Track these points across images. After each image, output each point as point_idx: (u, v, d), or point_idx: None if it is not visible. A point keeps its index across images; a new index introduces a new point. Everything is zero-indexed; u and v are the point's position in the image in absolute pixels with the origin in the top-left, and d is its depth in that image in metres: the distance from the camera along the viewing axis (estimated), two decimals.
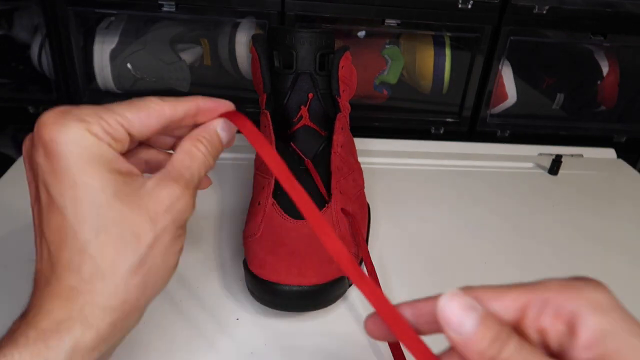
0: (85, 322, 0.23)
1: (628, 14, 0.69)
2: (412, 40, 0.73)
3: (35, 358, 0.22)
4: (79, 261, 0.24)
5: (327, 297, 0.41)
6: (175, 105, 0.29)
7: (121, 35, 0.69)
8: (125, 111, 0.27)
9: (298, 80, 0.49)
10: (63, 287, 0.24)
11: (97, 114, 0.25)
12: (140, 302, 0.25)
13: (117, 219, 0.24)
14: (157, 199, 0.25)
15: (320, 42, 0.49)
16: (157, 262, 0.25)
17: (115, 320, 0.24)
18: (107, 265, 0.24)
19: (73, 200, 0.24)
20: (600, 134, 0.81)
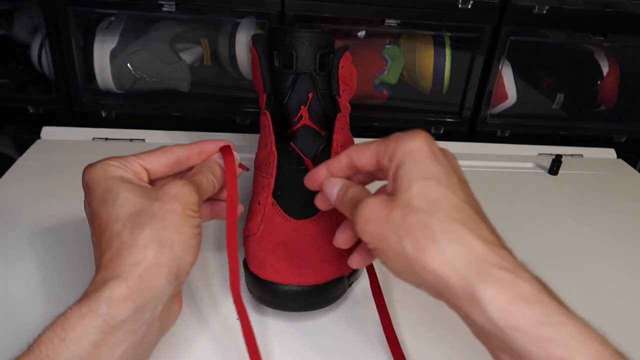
0: (117, 278, 0.29)
1: (628, 14, 0.69)
2: (412, 40, 0.73)
3: (82, 308, 0.28)
4: (111, 241, 0.31)
5: (327, 296, 0.41)
6: (182, 146, 0.38)
7: (121, 35, 0.69)
8: (142, 153, 0.36)
9: (298, 80, 0.49)
10: (102, 263, 0.31)
11: (119, 157, 0.36)
12: (159, 261, 0.31)
13: (136, 207, 0.32)
14: (166, 190, 0.33)
15: (320, 42, 0.49)
16: (168, 231, 0.31)
17: (141, 274, 0.30)
18: (129, 238, 0.31)
19: (103, 204, 0.33)
20: (600, 134, 0.81)
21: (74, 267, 0.46)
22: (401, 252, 0.29)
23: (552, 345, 0.24)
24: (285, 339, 0.40)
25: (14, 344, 0.39)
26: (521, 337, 0.24)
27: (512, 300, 0.25)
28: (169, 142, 0.70)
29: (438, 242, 0.27)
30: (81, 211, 0.54)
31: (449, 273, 0.27)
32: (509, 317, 0.25)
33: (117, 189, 0.33)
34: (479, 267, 0.26)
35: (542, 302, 0.25)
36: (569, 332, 0.24)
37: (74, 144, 0.68)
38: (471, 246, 0.27)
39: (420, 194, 0.29)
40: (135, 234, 0.31)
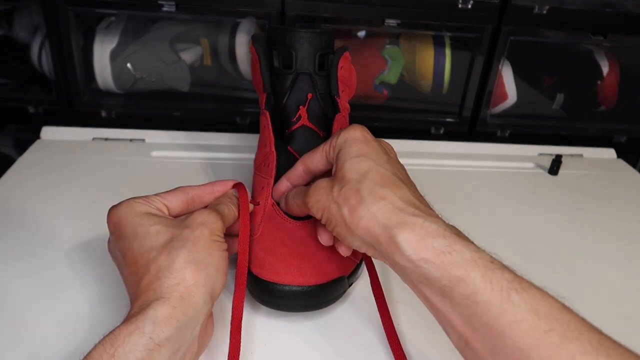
0: (160, 299, 0.31)
1: (628, 14, 0.69)
2: (412, 40, 0.73)
3: (130, 327, 0.30)
4: (148, 267, 0.33)
5: (327, 297, 0.41)
6: (196, 187, 0.42)
7: (121, 35, 0.69)
8: (162, 193, 0.40)
9: (297, 80, 0.49)
10: (141, 288, 0.33)
11: (142, 196, 0.39)
12: (197, 281, 0.33)
13: (168, 235, 0.35)
14: (193, 218, 0.37)
15: (320, 42, 0.49)
16: (201, 254, 0.34)
17: (182, 294, 0.32)
18: (165, 262, 0.33)
19: (135, 237, 0.35)
20: (600, 134, 0.81)
21: (74, 266, 0.46)
22: (341, 217, 0.34)
23: (452, 268, 0.29)
24: (286, 339, 0.40)
25: (13, 343, 0.39)
26: (430, 266, 0.30)
27: (420, 238, 0.31)
28: (169, 142, 0.70)
29: (365, 202, 0.33)
30: (81, 211, 0.54)
31: (374, 225, 0.33)
32: (420, 252, 0.30)
33: (147, 222, 0.36)
34: (396, 217, 0.32)
35: (445, 236, 0.30)
36: (465, 257, 0.29)
37: (74, 144, 0.68)
38: (391, 202, 0.33)
39: (351, 168, 0.36)
40: (172, 258, 0.33)
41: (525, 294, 0.27)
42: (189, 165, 0.65)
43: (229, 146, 0.70)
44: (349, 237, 0.35)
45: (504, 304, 0.27)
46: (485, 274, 0.28)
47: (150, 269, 0.33)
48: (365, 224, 0.33)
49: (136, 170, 0.63)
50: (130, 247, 0.35)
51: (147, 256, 0.34)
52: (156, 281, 0.32)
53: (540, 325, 0.26)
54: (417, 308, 0.44)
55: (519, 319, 0.26)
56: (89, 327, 0.40)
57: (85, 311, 0.42)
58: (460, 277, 0.29)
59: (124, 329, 0.30)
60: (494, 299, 0.27)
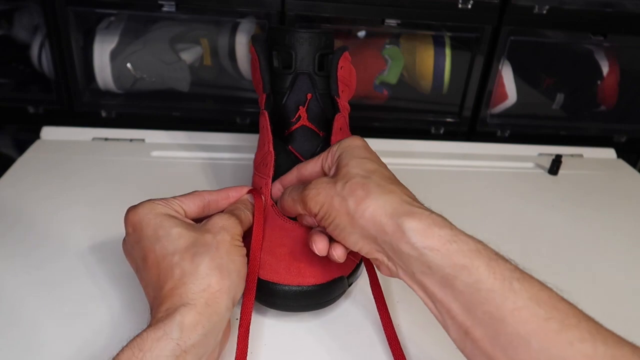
0: (186, 305, 0.31)
1: (628, 14, 0.69)
2: (412, 40, 0.73)
3: (158, 332, 0.30)
4: (171, 271, 0.33)
5: (327, 297, 0.41)
6: (212, 192, 0.43)
7: (121, 35, 0.69)
8: (179, 196, 0.41)
9: (297, 80, 0.49)
10: (165, 293, 0.33)
11: (162, 198, 0.39)
12: (221, 288, 0.33)
13: (190, 239, 0.35)
14: (214, 223, 0.37)
15: (320, 42, 0.49)
16: (224, 260, 0.34)
17: (207, 300, 0.32)
18: (189, 267, 0.33)
19: (157, 240, 0.35)
20: (600, 134, 0.81)
21: (74, 266, 0.46)
22: (345, 208, 0.35)
23: (457, 256, 0.30)
24: (285, 339, 0.40)
25: (13, 342, 0.39)
26: (435, 254, 0.31)
27: (427, 227, 0.32)
28: (169, 142, 0.70)
29: (373, 193, 0.34)
30: (80, 211, 0.54)
31: (381, 214, 0.33)
32: (426, 240, 0.31)
33: (169, 224, 0.36)
34: (403, 208, 0.33)
35: (450, 227, 0.32)
36: (470, 247, 0.30)
37: (74, 144, 0.68)
38: (399, 196, 0.34)
39: (357, 166, 0.37)
40: (196, 263, 0.33)
41: (526, 283, 0.28)
42: (189, 165, 0.65)
43: (229, 146, 0.70)
44: (348, 230, 0.35)
45: (506, 292, 0.28)
46: (489, 264, 0.29)
47: (174, 272, 0.33)
48: (371, 213, 0.34)
49: (136, 170, 0.63)
50: (152, 249, 0.35)
51: (170, 259, 0.34)
52: (181, 286, 0.32)
53: (540, 312, 0.27)
54: (416, 308, 0.44)
55: (520, 307, 0.27)
56: (90, 325, 0.40)
57: (85, 309, 0.42)
58: (464, 265, 0.29)
59: (151, 333, 0.30)
60: (496, 287, 0.28)
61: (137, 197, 0.57)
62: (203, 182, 0.62)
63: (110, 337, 0.39)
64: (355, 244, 0.36)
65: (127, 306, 0.42)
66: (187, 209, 0.40)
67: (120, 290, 0.44)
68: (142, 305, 0.41)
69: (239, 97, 0.74)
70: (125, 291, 0.43)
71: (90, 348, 0.38)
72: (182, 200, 0.40)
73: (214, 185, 0.61)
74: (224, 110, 0.75)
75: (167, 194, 0.59)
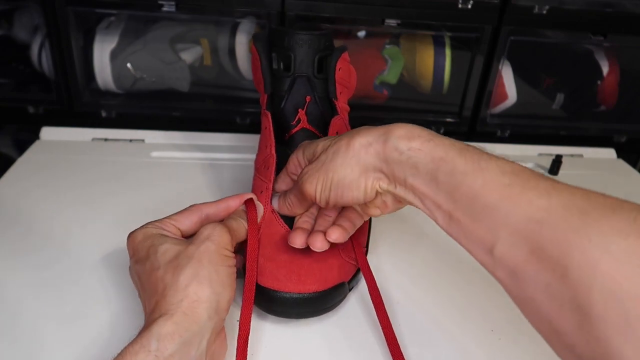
0: (163, 315, 0.32)
1: (628, 14, 0.69)
2: (412, 40, 0.73)
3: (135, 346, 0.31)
4: (156, 286, 0.35)
5: (328, 303, 0.41)
6: (210, 204, 0.43)
7: (121, 35, 0.69)
8: (174, 214, 0.41)
9: (295, 83, 0.49)
10: (150, 308, 0.34)
11: (157, 220, 0.40)
12: (200, 297, 0.33)
13: (175, 253, 0.36)
14: (200, 233, 0.37)
15: (319, 44, 0.49)
16: (205, 270, 0.35)
17: (185, 310, 0.33)
18: (170, 280, 0.34)
19: (147, 258, 0.36)
20: (600, 134, 0.81)
21: (73, 266, 0.46)
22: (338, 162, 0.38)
23: (435, 150, 0.34)
24: (285, 345, 0.40)
25: (13, 342, 0.39)
26: (418, 154, 0.34)
27: (409, 131, 0.36)
28: (169, 143, 0.70)
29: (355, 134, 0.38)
30: (80, 212, 0.54)
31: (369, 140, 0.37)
32: (410, 142, 0.35)
33: (157, 242, 0.37)
34: (386, 128, 0.37)
35: (428, 131, 0.36)
36: (444, 142, 0.34)
37: (73, 144, 0.68)
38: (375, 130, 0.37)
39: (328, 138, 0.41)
40: (176, 275, 0.34)
41: (491, 161, 0.32)
42: (189, 165, 0.65)
43: (229, 146, 0.70)
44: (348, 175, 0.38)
45: (476, 172, 0.31)
46: (460, 152, 0.33)
47: (158, 287, 0.34)
48: (360, 142, 0.37)
49: (136, 170, 0.63)
50: (144, 268, 0.36)
51: (155, 274, 0.35)
52: (162, 299, 0.33)
53: (504, 181, 0.30)
54: (416, 310, 0.44)
55: (488, 180, 0.31)
56: (90, 326, 0.40)
57: (85, 310, 0.42)
58: (442, 157, 0.33)
59: (130, 348, 0.30)
60: (468, 169, 0.32)
61: (137, 198, 0.57)
62: (203, 182, 0.62)
63: (110, 338, 0.39)
64: (358, 188, 0.38)
65: (128, 307, 0.42)
66: (182, 226, 0.41)
67: (121, 291, 0.44)
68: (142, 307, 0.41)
69: (239, 97, 0.74)
70: (126, 292, 0.43)
71: (90, 349, 0.38)
72: (176, 218, 0.41)
73: (214, 185, 0.61)
74: (224, 110, 0.75)
75: (167, 195, 0.59)
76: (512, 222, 0.28)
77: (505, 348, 0.41)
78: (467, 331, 0.43)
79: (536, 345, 0.41)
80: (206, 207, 0.42)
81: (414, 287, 0.47)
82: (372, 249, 0.50)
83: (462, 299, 0.46)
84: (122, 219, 0.53)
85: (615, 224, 0.25)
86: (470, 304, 0.45)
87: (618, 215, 0.26)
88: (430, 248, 0.52)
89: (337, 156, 0.38)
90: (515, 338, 0.42)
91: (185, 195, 0.49)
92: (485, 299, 0.45)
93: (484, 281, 0.47)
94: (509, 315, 0.44)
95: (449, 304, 0.45)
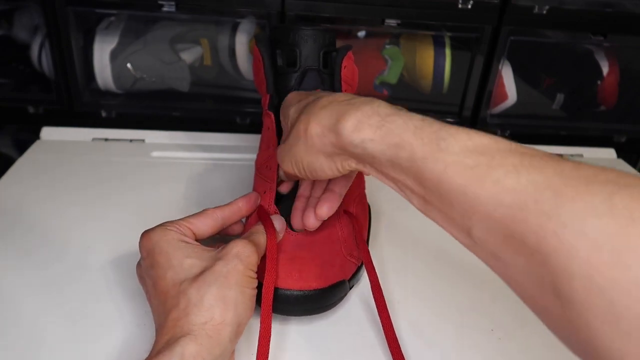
0: (187, 336, 0.31)
1: (628, 14, 0.69)
2: (412, 40, 0.73)
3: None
4: (178, 300, 0.33)
5: (328, 301, 0.41)
6: (223, 208, 0.43)
7: (121, 35, 0.69)
8: (191, 217, 0.41)
9: (305, 77, 0.49)
10: (169, 322, 0.33)
11: (173, 221, 0.39)
12: (224, 320, 0.33)
13: (201, 268, 0.35)
14: (228, 250, 0.36)
15: (324, 39, 0.49)
16: (232, 291, 0.34)
17: (209, 332, 0.32)
18: (195, 297, 0.33)
19: (169, 268, 0.35)
20: (600, 134, 0.81)
21: (74, 266, 0.46)
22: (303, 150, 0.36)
23: (389, 137, 0.31)
24: (286, 342, 0.40)
25: (12, 342, 0.39)
26: (372, 144, 0.32)
27: (357, 121, 0.33)
28: (169, 142, 0.70)
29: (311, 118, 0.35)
30: (80, 212, 0.54)
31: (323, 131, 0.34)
32: (360, 134, 0.32)
33: (182, 253, 0.36)
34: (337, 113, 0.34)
35: (378, 114, 0.33)
36: (397, 124, 0.31)
37: (73, 144, 0.68)
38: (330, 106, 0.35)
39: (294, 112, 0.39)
40: (202, 293, 0.33)
41: (451, 139, 0.29)
42: (189, 165, 0.65)
43: (229, 146, 0.70)
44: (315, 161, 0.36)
45: (436, 154, 0.29)
46: (415, 133, 0.30)
47: (180, 302, 0.33)
48: (316, 133, 0.35)
49: (136, 170, 0.63)
50: (164, 277, 0.35)
51: (177, 288, 0.34)
52: (184, 317, 0.32)
53: (467, 163, 0.27)
54: (417, 309, 0.44)
55: (449, 163, 0.28)
56: (90, 326, 0.40)
57: (85, 310, 0.42)
58: (397, 144, 0.30)
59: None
60: (427, 152, 0.29)
61: (137, 198, 0.57)
62: (203, 182, 0.62)
63: (110, 338, 0.39)
64: (330, 169, 0.36)
65: (128, 307, 0.42)
66: (197, 231, 0.40)
67: (122, 291, 0.44)
68: (143, 306, 0.41)
69: (239, 97, 0.74)
70: (127, 292, 0.43)
71: (90, 349, 0.38)
72: (193, 222, 0.40)
73: (214, 185, 0.61)
74: (224, 110, 0.75)
75: (167, 195, 0.59)
76: (481, 207, 0.26)
77: (505, 347, 0.41)
78: (467, 330, 0.43)
79: (536, 345, 0.41)
80: (219, 210, 0.42)
81: (413, 285, 0.47)
82: (372, 247, 0.50)
83: (461, 298, 0.46)
84: (122, 219, 0.53)
85: (589, 202, 0.22)
86: (469, 303, 0.45)
87: (592, 191, 0.23)
88: (430, 247, 0.52)
89: (299, 142, 0.36)
90: (515, 337, 0.42)
91: (185, 195, 0.49)
92: (485, 298, 0.45)
93: (483, 280, 0.47)
94: (509, 315, 0.44)
95: (450, 303, 0.45)
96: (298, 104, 0.39)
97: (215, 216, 0.42)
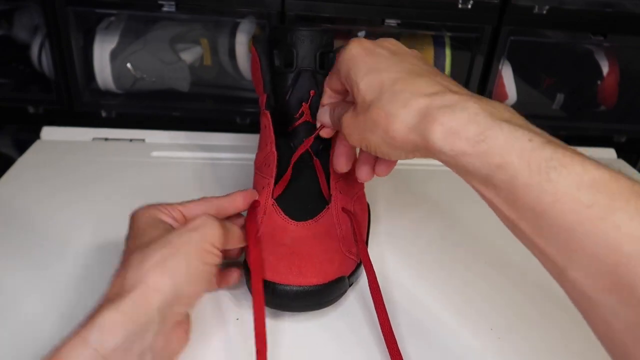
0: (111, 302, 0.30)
1: (628, 14, 0.69)
2: (412, 41, 0.73)
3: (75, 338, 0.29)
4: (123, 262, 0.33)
5: (328, 297, 0.41)
6: (221, 198, 0.43)
7: (121, 35, 0.69)
8: (186, 202, 0.41)
9: (300, 78, 0.49)
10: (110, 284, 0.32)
11: (167, 204, 0.40)
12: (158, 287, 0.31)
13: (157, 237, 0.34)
14: (189, 222, 0.35)
15: (321, 40, 0.49)
16: (177, 261, 0.32)
17: (136, 299, 0.30)
18: (136, 260, 0.32)
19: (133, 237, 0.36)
20: (600, 134, 0.81)
21: (74, 266, 0.46)
22: (380, 139, 0.34)
23: (489, 156, 0.28)
24: (284, 339, 0.40)
25: (12, 342, 0.39)
26: (468, 158, 0.29)
27: (451, 132, 0.30)
28: (169, 142, 0.70)
29: (392, 115, 0.32)
30: (80, 212, 0.54)
31: (409, 133, 0.32)
32: (454, 146, 0.29)
33: (150, 226, 0.36)
34: (425, 117, 0.31)
35: (477, 122, 0.29)
36: (499, 142, 0.28)
37: (73, 144, 0.68)
38: (415, 104, 0.32)
39: (366, 89, 0.35)
40: (143, 256, 0.32)
41: (564, 171, 0.26)
42: (189, 165, 0.65)
43: (229, 146, 0.70)
44: (394, 153, 0.35)
45: (544, 184, 0.26)
46: (521, 156, 0.27)
47: (124, 264, 0.33)
48: (401, 137, 0.32)
49: (136, 170, 0.63)
50: (128, 246, 0.36)
51: (130, 255, 0.33)
52: (121, 279, 0.32)
53: (582, 199, 0.25)
54: (415, 309, 0.44)
55: (560, 197, 0.25)
56: None
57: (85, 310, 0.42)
58: (498, 165, 0.28)
59: (69, 340, 0.29)
60: (533, 180, 0.26)
61: (137, 197, 0.57)
62: (203, 182, 0.62)
63: None
64: (406, 157, 0.35)
65: None
66: (189, 213, 0.40)
67: None
68: None
69: (239, 97, 0.74)
70: None
71: None
72: (187, 205, 0.40)
73: (214, 185, 0.61)
74: (224, 110, 0.75)
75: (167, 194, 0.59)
76: (590, 249, 0.24)
77: (505, 347, 0.41)
78: (466, 329, 0.43)
79: (535, 344, 0.41)
80: (217, 200, 0.42)
81: (412, 284, 0.47)
82: (371, 247, 0.50)
83: (461, 297, 0.46)
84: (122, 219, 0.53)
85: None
86: (469, 303, 0.45)
87: None
88: (430, 247, 0.52)
89: (377, 130, 0.34)
90: (515, 337, 0.42)
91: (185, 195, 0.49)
92: (485, 297, 0.45)
93: (483, 280, 0.47)
94: (508, 314, 0.44)
95: (448, 302, 0.45)
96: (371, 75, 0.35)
97: (211, 203, 0.42)
